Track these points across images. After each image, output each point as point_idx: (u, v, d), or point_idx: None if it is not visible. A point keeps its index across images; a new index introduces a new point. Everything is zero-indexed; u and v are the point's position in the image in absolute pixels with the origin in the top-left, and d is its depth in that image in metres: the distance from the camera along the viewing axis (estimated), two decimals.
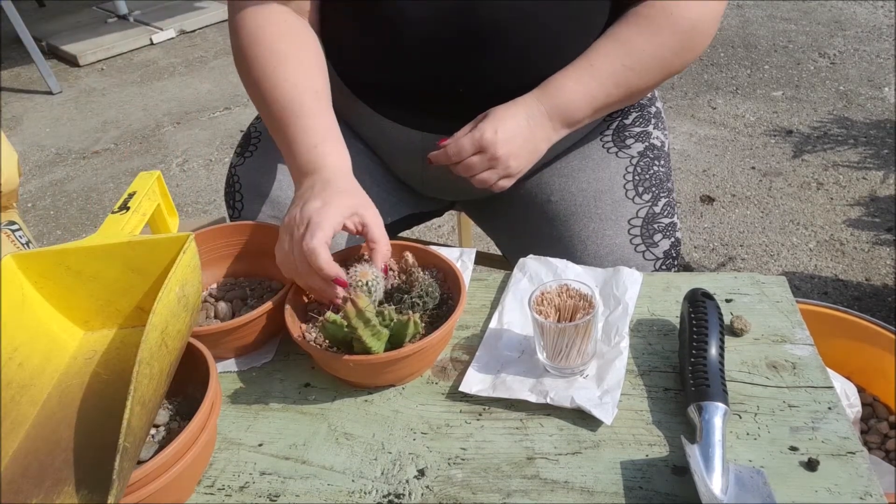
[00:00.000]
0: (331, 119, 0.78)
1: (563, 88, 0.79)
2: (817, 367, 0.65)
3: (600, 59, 0.79)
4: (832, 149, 2.31)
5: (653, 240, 0.87)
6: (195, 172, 2.56)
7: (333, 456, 0.61)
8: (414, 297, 0.70)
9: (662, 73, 0.81)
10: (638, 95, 0.83)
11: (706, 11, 0.79)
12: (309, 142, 0.74)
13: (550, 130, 0.80)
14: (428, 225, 2.13)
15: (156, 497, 0.54)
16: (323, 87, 0.80)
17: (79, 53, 3.54)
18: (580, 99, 0.79)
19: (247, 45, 0.80)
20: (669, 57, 0.80)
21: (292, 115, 0.76)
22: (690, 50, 0.81)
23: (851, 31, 3.13)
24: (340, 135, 0.77)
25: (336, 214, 0.67)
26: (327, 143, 0.75)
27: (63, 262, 0.64)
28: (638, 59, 0.79)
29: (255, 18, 0.80)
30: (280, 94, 0.77)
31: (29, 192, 2.53)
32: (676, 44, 0.79)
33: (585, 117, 0.81)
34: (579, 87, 0.79)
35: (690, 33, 0.79)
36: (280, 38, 0.79)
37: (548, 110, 0.79)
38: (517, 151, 0.79)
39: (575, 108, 0.80)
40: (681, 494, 0.55)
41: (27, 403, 0.60)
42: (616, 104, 0.83)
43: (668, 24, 0.78)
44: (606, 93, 0.80)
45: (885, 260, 1.84)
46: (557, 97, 0.79)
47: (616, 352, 0.67)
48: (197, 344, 0.63)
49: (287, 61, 0.78)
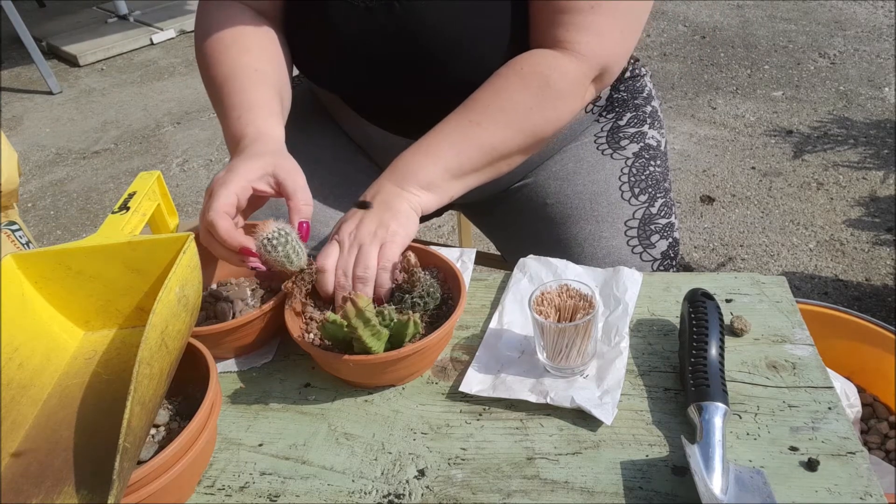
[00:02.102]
0: (266, 94, 0.78)
1: (404, 159, 0.76)
2: (817, 367, 0.65)
3: (446, 122, 0.77)
4: (832, 149, 2.31)
5: (650, 241, 0.87)
6: (195, 172, 2.56)
7: (333, 456, 0.61)
8: (415, 297, 0.70)
9: (519, 130, 0.76)
10: (506, 156, 0.78)
11: (563, 71, 0.75)
12: (235, 113, 0.75)
13: (399, 190, 0.75)
14: (428, 225, 2.13)
15: (156, 497, 0.53)
16: (267, 68, 0.81)
17: (79, 53, 3.54)
18: (425, 162, 0.75)
19: (202, 35, 0.83)
20: (521, 111, 0.75)
21: (226, 91, 0.77)
22: (549, 108, 0.76)
23: (851, 31, 3.12)
24: (276, 110, 0.78)
25: (239, 179, 0.66)
26: (253, 112, 0.75)
27: (63, 262, 0.64)
28: (485, 114, 0.75)
29: (215, 13, 0.84)
30: (220, 73, 0.79)
31: (29, 192, 2.53)
32: (527, 97, 0.75)
33: (439, 178, 0.75)
34: (421, 151, 0.76)
35: (542, 89, 0.75)
36: (233, 28, 0.82)
37: (391, 180, 0.76)
38: (367, 221, 0.73)
39: (420, 168, 0.75)
40: (681, 494, 0.55)
41: (27, 403, 0.60)
42: (482, 165, 0.77)
43: (516, 77, 0.75)
44: (457, 151, 0.75)
45: (885, 260, 1.84)
46: (399, 167, 0.76)
47: (616, 352, 0.67)
48: (197, 344, 0.63)
49: (233, 45, 0.81)
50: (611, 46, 0.77)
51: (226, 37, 0.81)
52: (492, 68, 0.78)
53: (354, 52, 0.82)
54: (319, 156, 0.94)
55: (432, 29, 0.77)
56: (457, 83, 0.79)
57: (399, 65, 0.81)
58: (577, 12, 0.74)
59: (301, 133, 0.94)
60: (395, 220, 0.72)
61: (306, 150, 0.91)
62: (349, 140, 0.99)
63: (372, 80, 0.84)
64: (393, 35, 0.78)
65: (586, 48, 0.75)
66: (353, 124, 0.95)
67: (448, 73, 0.80)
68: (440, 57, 0.79)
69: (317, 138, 0.97)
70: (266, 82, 0.79)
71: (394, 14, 0.77)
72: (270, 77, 0.80)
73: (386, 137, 0.92)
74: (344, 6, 0.78)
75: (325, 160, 0.94)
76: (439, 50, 0.78)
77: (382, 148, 0.95)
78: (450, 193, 0.77)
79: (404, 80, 0.82)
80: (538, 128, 0.77)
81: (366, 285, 0.69)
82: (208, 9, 0.84)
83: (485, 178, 0.79)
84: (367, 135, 0.95)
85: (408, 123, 0.88)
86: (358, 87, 0.87)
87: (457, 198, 0.79)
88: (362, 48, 0.81)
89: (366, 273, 0.69)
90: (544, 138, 0.79)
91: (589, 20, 0.74)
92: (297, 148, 0.79)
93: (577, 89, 0.77)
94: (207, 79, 0.82)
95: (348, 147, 0.98)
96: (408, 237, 0.73)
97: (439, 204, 0.77)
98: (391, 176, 0.76)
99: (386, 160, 0.95)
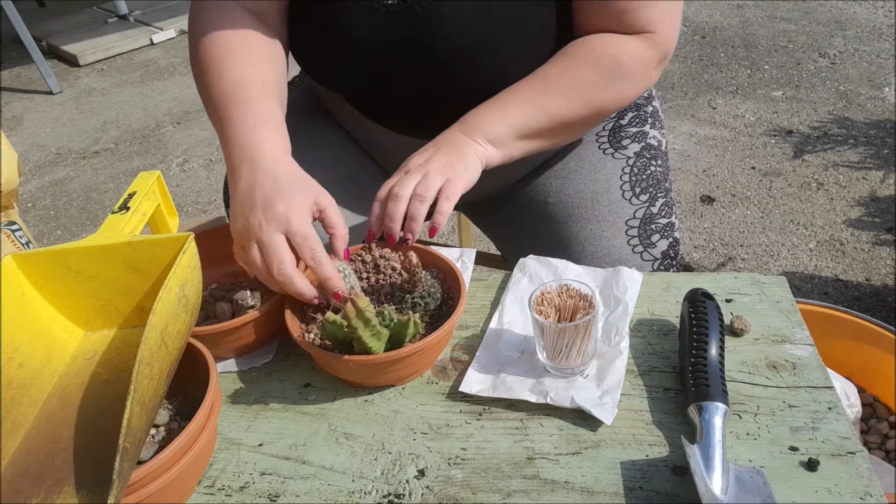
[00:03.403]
0: (273, 107, 0.77)
1: (475, 113, 0.78)
2: (817, 367, 0.65)
3: (516, 88, 0.79)
4: (832, 149, 2.31)
5: (650, 240, 0.87)
6: (195, 172, 2.56)
7: (333, 456, 0.61)
8: (416, 297, 0.70)
9: (585, 104, 0.79)
10: (569, 126, 0.81)
11: (631, 54, 0.78)
12: (245, 126, 0.74)
13: (468, 139, 0.77)
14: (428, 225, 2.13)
15: (156, 497, 0.54)
16: (271, 79, 0.79)
17: (79, 53, 3.54)
18: (493, 118, 0.77)
19: (198, 39, 0.81)
20: (590, 89, 0.78)
21: (232, 102, 0.76)
22: (617, 89, 0.79)
23: (851, 31, 3.12)
24: (282, 124, 0.77)
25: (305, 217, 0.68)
26: (268, 128, 0.74)
27: (63, 262, 0.64)
28: (554, 86, 0.78)
29: (210, 15, 0.81)
30: (223, 83, 0.77)
31: (29, 192, 2.53)
32: (597, 77, 0.77)
33: (506, 135, 0.78)
34: (491, 108, 0.78)
35: (613, 70, 0.77)
36: (231, 32, 0.80)
37: (461, 130, 0.78)
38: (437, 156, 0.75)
39: (488, 123, 0.77)
40: (681, 494, 0.55)
41: (27, 403, 0.60)
42: (545, 131, 0.80)
43: (589, 57, 0.78)
44: (523, 113, 0.77)
45: (885, 260, 1.84)
46: (469, 119, 0.78)
47: (616, 352, 0.67)
48: (197, 344, 0.63)
49: (233, 53, 0.79)
50: (675, 31, 0.81)
51: (227, 41, 0.80)
52: (513, 74, 0.79)
53: (369, 55, 0.81)
54: (320, 155, 0.93)
55: (454, 33, 0.76)
56: (474, 88, 0.80)
57: (416, 69, 0.80)
58: (645, 4, 0.77)
59: (302, 132, 0.94)
60: (462, 162, 0.74)
61: (307, 149, 0.90)
62: (350, 139, 0.99)
63: (383, 83, 0.84)
64: (413, 39, 0.77)
65: (660, 33, 0.79)
66: (355, 123, 0.95)
67: (466, 79, 0.80)
68: (460, 62, 0.79)
69: (318, 138, 0.96)
70: (275, 95, 0.79)
71: (415, 18, 0.76)
72: (275, 89, 0.79)
73: (391, 137, 0.91)
74: (362, 10, 0.77)
75: (325, 160, 0.93)
76: (460, 55, 0.78)
77: (386, 147, 0.94)
78: (512, 152, 0.79)
79: (419, 83, 0.82)
80: (604, 105, 0.80)
81: (422, 203, 0.71)
82: (204, 8, 0.82)
83: (545, 145, 0.82)
84: (370, 134, 0.94)
85: (417, 125, 0.88)
86: (367, 88, 0.86)
87: (518, 157, 0.81)
88: (378, 51, 0.80)
89: (426, 193, 0.71)
90: (608, 114, 0.83)
91: (659, 7, 0.78)
92: (298, 147, 0.79)
93: (646, 71, 0.80)
94: (205, 84, 0.79)
95: (349, 146, 0.98)
96: (471, 181, 0.75)
97: (502, 160, 0.79)
98: (461, 126, 0.78)
99: (389, 159, 0.95)
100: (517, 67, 0.79)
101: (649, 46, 0.79)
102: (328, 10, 0.79)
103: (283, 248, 0.66)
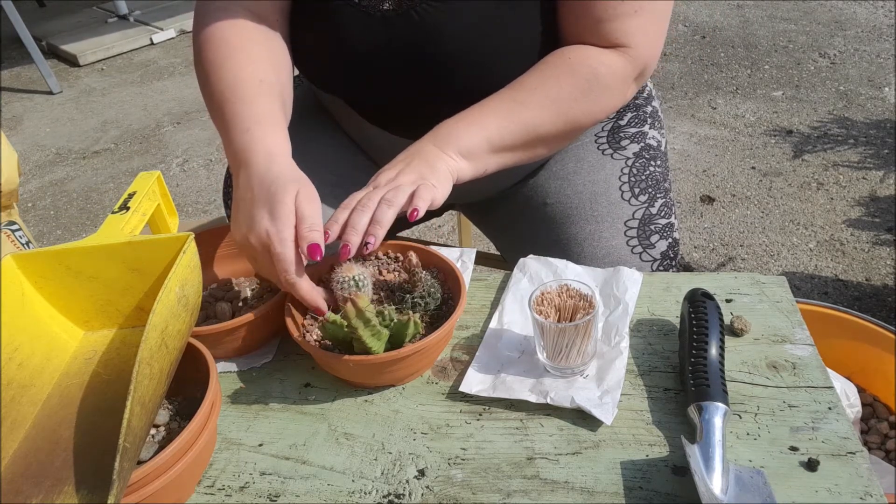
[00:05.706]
0: (268, 105, 0.76)
1: (447, 124, 0.77)
2: (817, 367, 0.65)
3: (491, 98, 0.78)
4: (832, 149, 2.31)
5: (649, 241, 0.87)
6: (195, 172, 2.56)
7: (333, 456, 0.61)
8: (416, 297, 0.70)
9: (560, 115, 0.77)
10: (543, 139, 0.79)
11: (608, 66, 0.77)
12: (242, 125, 0.73)
13: (440, 152, 0.75)
14: (428, 225, 2.13)
15: (156, 497, 0.54)
16: (270, 78, 0.79)
17: (79, 53, 3.54)
18: (467, 130, 0.75)
19: (201, 41, 0.81)
20: (566, 99, 0.76)
21: (228, 102, 0.75)
22: (592, 101, 0.77)
23: (851, 31, 3.13)
24: (282, 123, 0.76)
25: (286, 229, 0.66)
26: (261, 127, 0.73)
27: (63, 262, 0.64)
28: (529, 95, 0.76)
29: (214, 16, 0.81)
30: (221, 83, 0.77)
31: (29, 192, 2.53)
32: (573, 88, 0.76)
33: (478, 148, 0.76)
34: (465, 119, 0.76)
35: (590, 81, 0.76)
36: (234, 33, 0.80)
37: (433, 141, 0.76)
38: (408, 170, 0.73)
39: (461, 135, 0.75)
40: (681, 494, 0.55)
41: (27, 403, 0.60)
42: (519, 144, 0.78)
43: (566, 66, 0.77)
44: (498, 125, 0.76)
45: (885, 260, 1.84)
46: (441, 130, 0.76)
47: (616, 352, 0.67)
48: (197, 344, 0.63)
49: (236, 53, 0.78)
50: (654, 47, 0.79)
51: (229, 41, 0.80)
52: (509, 77, 0.78)
53: (365, 60, 0.81)
54: (319, 156, 0.94)
55: (451, 40, 0.76)
56: (471, 93, 0.79)
57: (413, 74, 0.80)
58: (623, 14, 0.76)
59: (301, 133, 0.94)
60: (434, 176, 0.72)
61: (306, 150, 0.90)
62: (349, 140, 0.99)
63: (381, 87, 0.84)
64: (410, 45, 0.78)
65: (635, 48, 0.77)
66: (354, 125, 0.95)
67: (463, 84, 0.80)
68: (456, 67, 0.78)
69: (317, 138, 0.97)
70: (275, 94, 0.78)
71: (412, 24, 0.76)
72: (275, 87, 0.79)
73: (389, 139, 0.91)
74: (358, 14, 0.77)
75: (325, 160, 0.94)
76: (457, 61, 0.78)
77: (384, 148, 0.94)
78: (485, 166, 0.78)
79: (416, 88, 0.82)
80: (579, 118, 0.79)
81: (390, 208, 0.67)
82: (208, 10, 0.82)
83: (520, 159, 0.80)
84: (369, 136, 0.94)
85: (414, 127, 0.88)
86: (364, 92, 0.86)
87: (491, 171, 0.79)
88: (374, 56, 0.80)
89: (394, 199, 0.68)
90: (582, 129, 0.81)
91: (636, 22, 0.76)
92: (298, 148, 0.78)
93: (622, 85, 0.79)
94: (207, 83, 0.79)
95: (348, 147, 0.98)
96: (443, 195, 0.73)
97: (474, 175, 0.77)
98: (432, 138, 0.76)
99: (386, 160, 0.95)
100: (513, 73, 0.79)
101: (626, 61, 0.77)
102: (325, 15, 0.80)
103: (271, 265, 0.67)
